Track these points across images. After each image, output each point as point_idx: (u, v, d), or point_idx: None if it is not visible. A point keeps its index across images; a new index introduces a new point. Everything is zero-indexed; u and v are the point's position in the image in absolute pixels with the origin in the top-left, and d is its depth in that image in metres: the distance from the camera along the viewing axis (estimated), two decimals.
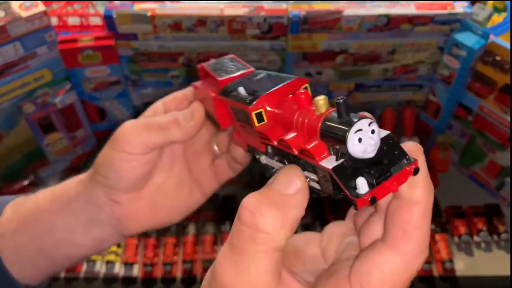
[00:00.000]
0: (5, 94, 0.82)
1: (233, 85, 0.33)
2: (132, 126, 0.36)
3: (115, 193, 0.38)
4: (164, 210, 0.41)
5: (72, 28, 0.89)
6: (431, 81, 0.95)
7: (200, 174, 0.42)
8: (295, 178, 0.25)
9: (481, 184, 1.00)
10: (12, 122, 0.87)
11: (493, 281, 0.87)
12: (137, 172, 0.37)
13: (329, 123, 0.25)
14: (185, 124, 0.36)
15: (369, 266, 0.24)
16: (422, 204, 0.25)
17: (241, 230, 0.24)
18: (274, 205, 0.24)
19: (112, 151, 0.36)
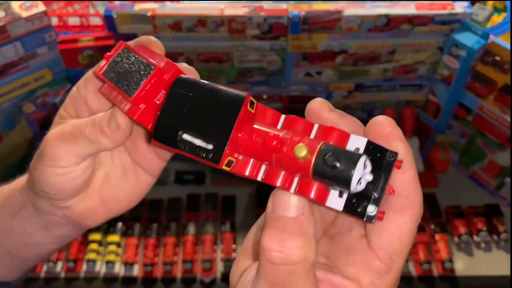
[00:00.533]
0: (5, 94, 0.83)
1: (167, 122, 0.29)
2: (58, 139, 0.34)
3: (59, 202, 0.37)
4: (117, 201, 0.40)
5: (72, 28, 0.89)
6: (431, 81, 0.95)
7: (142, 158, 0.40)
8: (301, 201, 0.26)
9: (481, 184, 1.00)
10: (12, 122, 0.87)
11: (493, 281, 0.87)
12: (77, 182, 0.36)
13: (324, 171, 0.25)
14: (112, 134, 0.33)
15: (388, 236, 0.28)
16: (411, 170, 0.28)
17: (278, 270, 0.25)
18: (295, 234, 0.25)
19: (44, 168, 0.34)
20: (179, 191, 1.01)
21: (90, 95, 0.36)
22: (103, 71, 0.32)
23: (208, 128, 0.27)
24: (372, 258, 0.28)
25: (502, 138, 0.91)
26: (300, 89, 0.95)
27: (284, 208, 0.26)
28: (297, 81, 0.94)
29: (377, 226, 0.28)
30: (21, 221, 0.39)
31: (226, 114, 0.27)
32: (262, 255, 0.25)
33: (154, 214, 0.96)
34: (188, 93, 0.29)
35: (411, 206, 0.27)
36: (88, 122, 0.34)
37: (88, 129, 0.34)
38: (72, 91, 0.37)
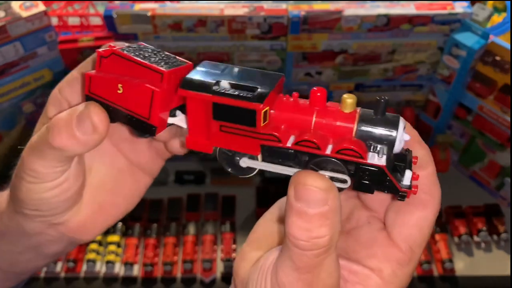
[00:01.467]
0: (5, 94, 0.83)
1: (200, 77, 0.28)
2: (29, 153, 0.30)
3: (53, 218, 0.33)
4: (115, 206, 0.37)
5: (72, 28, 0.89)
6: (431, 81, 0.95)
7: (141, 159, 0.37)
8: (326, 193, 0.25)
9: (481, 184, 1.00)
10: (12, 122, 0.87)
11: (493, 281, 0.87)
12: (71, 191, 0.32)
13: (370, 124, 0.26)
14: (85, 137, 0.28)
15: (409, 228, 0.29)
16: (431, 166, 0.29)
17: (304, 254, 0.26)
18: (321, 225, 0.25)
19: (29, 186, 0.31)
20: (179, 191, 1.01)
21: (75, 97, 0.33)
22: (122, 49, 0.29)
23: (247, 84, 0.27)
24: (394, 249, 0.29)
25: (502, 138, 0.91)
26: (300, 89, 0.95)
27: (308, 201, 0.25)
28: (297, 81, 0.94)
29: (399, 219, 0.29)
30: (8, 243, 0.36)
31: (265, 79, 0.27)
32: (290, 242, 0.26)
33: (154, 214, 0.96)
34: (223, 65, 0.29)
35: (431, 200, 0.29)
36: (49, 127, 0.29)
37: (50, 134, 0.29)
38: (53, 94, 0.33)
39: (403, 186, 0.26)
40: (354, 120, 0.26)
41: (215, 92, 0.26)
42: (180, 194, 1.00)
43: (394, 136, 0.26)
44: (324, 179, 0.25)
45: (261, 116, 0.26)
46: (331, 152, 0.26)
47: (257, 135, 0.27)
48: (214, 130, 0.28)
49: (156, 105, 0.28)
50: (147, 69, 0.28)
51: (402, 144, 0.26)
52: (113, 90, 0.29)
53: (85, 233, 0.36)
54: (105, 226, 0.37)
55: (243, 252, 0.32)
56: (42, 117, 0.34)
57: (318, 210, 0.25)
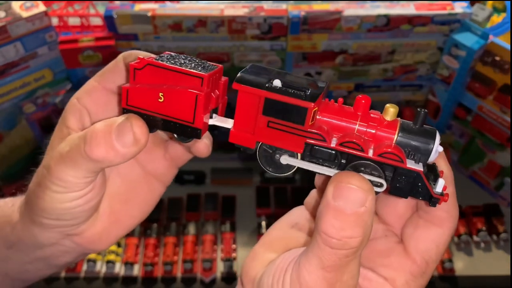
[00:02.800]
0: (5, 94, 0.83)
1: (252, 75, 0.29)
2: (60, 163, 0.30)
3: (72, 228, 0.33)
4: (127, 217, 0.37)
5: (72, 29, 0.89)
6: (430, 81, 0.95)
7: (156, 167, 0.37)
8: (366, 194, 0.26)
9: (481, 184, 1.00)
10: (13, 122, 0.87)
11: (493, 281, 0.87)
12: (94, 202, 0.32)
13: (410, 134, 0.28)
14: (123, 150, 0.28)
15: (427, 243, 0.30)
16: (452, 186, 0.30)
17: (334, 253, 0.26)
18: (355, 225, 0.26)
19: (54, 195, 0.30)
20: (179, 191, 1.01)
21: (95, 106, 0.32)
22: (154, 58, 0.30)
23: (299, 85, 0.28)
24: (409, 261, 0.30)
25: (501, 138, 0.91)
26: None
27: (347, 199, 0.26)
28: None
29: (416, 233, 0.31)
30: (18, 253, 0.36)
31: (312, 84, 0.29)
32: (320, 239, 0.26)
33: (154, 214, 0.95)
34: (269, 68, 0.30)
35: (450, 219, 0.30)
36: (85, 137, 0.29)
37: (87, 146, 0.28)
38: (71, 103, 0.33)
39: (436, 193, 0.28)
40: (396, 128, 0.28)
41: (269, 88, 0.28)
42: (180, 194, 1.00)
43: (432, 146, 0.28)
44: (365, 180, 0.26)
45: (311, 114, 0.28)
46: (373, 155, 0.28)
47: (303, 133, 0.28)
48: (261, 126, 0.29)
49: (200, 109, 0.29)
50: (186, 75, 0.29)
51: (436, 155, 0.28)
52: (153, 100, 0.29)
53: (99, 243, 0.36)
54: (118, 237, 0.37)
55: (255, 252, 0.32)
56: (60, 125, 0.33)
57: (356, 210, 0.26)
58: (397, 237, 0.32)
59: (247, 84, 0.28)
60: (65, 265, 0.39)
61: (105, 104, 0.33)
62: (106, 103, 0.33)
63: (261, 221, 0.95)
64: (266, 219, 0.95)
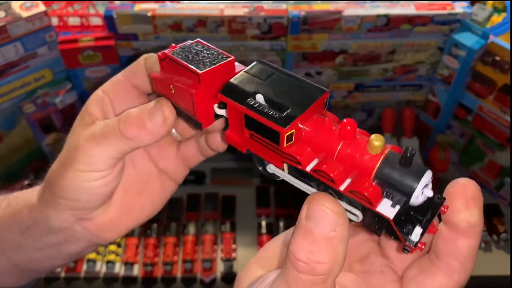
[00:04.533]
0: (5, 94, 0.83)
1: (241, 84, 0.29)
2: (90, 141, 0.32)
3: (86, 212, 0.35)
4: (139, 209, 0.39)
5: (72, 28, 0.89)
6: (430, 81, 0.95)
7: (168, 165, 0.39)
8: (337, 217, 0.25)
9: (481, 184, 1.00)
10: (13, 122, 0.87)
11: (493, 281, 0.87)
12: (111, 186, 0.34)
13: (391, 171, 0.25)
14: (155, 129, 0.31)
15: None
16: (477, 239, 0.27)
17: (300, 277, 0.25)
18: (324, 250, 0.25)
19: (77, 173, 0.32)
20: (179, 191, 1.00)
21: (118, 98, 0.35)
22: (171, 52, 0.31)
23: (284, 100, 0.27)
24: None
25: (502, 138, 0.91)
26: None
27: (318, 220, 0.25)
28: None
29: (420, 278, 0.28)
30: (31, 238, 0.37)
31: (305, 96, 0.28)
32: (289, 260, 0.25)
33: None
34: (271, 69, 0.30)
35: (462, 272, 0.28)
36: (120, 119, 0.32)
37: (122, 125, 0.31)
38: (96, 94, 0.35)
39: (410, 241, 0.26)
40: (377, 161, 0.26)
41: (247, 105, 0.28)
42: (180, 194, 1.00)
43: (413, 189, 0.25)
44: (338, 204, 0.25)
45: (284, 138, 0.27)
46: (345, 189, 0.26)
47: (280, 153, 0.28)
48: (246, 136, 0.29)
49: (196, 104, 0.30)
50: (189, 71, 0.30)
51: (420, 200, 0.25)
52: (168, 90, 0.32)
53: (109, 232, 0.37)
54: (129, 228, 0.38)
55: (249, 267, 0.32)
56: (82, 113, 0.35)
57: (325, 234, 0.25)
58: (396, 275, 0.30)
59: (229, 97, 0.28)
60: (75, 255, 0.39)
61: (128, 95, 0.35)
62: (128, 95, 0.35)
63: (261, 221, 0.95)
64: (266, 219, 0.95)
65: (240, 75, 0.30)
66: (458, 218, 0.27)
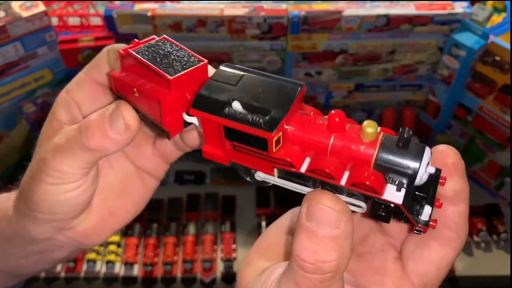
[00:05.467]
0: (5, 94, 0.83)
1: (213, 94, 0.26)
2: (56, 154, 0.30)
3: (66, 222, 0.33)
4: (121, 211, 0.37)
5: (72, 28, 0.89)
6: (430, 81, 0.95)
7: (146, 163, 0.37)
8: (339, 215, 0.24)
9: (481, 184, 1.00)
10: (12, 122, 0.87)
11: (493, 281, 0.87)
12: (88, 194, 0.32)
13: (390, 155, 0.24)
14: (118, 136, 0.29)
15: (427, 265, 0.28)
16: (466, 205, 0.27)
17: (308, 277, 0.24)
18: (330, 249, 0.24)
19: (48, 187, 0.30)
20: (179, 191, 1.01)
21: (84, 99, 0.33)
22: (135, 50, 0.28)
23: (263, 103, 0.25)
24: (405, 283, 0.28)
25: (502, 138, 0.91)
26: None
27: (319, 221, 0.24)
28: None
29: (417, 252, 0.28)
30: (14, 247, 0.36)
31: (283, 94, 0.26)
32: (294, 262, 0.25)
33: (154, 214, 0.96)
34: (239, 71, 0.27)
35: (457, 240, 0.27)
36: (81, 129, 0.30)
37: (84, 137, 0.29)
38: (61, 96, 0.33)
39: (421, 222, 0.25)
40: (374, 148, 0.24)
41: (226, 116, 0.25)
42: (180, 194, 1.00)
43: (416, 169, 0.24)
44: (339, 200, 0.24)
45: (273, 144, 0.25)
46: (346, 183, 0.25)
47: (270, 159, 0.26)
48: (228, 147, 0.27)
49: (165, 112, 0.28)
50: (157, 74, 0.27)
51: (424, 178, 0.24)
52: (131, 93, 0.29)
53: (93, 238, 0.35)
54: (113, 231, 0.37)
55: (249, 258, 0.31)
56: (49, 118, 0.33)
57: (329, 233, 0.24)
58: (396, 251, 0.30)
59: (203, 110, 0.26)
60: (61, 260, 0.38)
61: (94, 95, 0.33)
62: (95, 94, 0.33)
63: (261, 221, 0.95)
64: (266, 219, 0.95)
65: (208, 84, 0.27)
66: (444, 188, 0.27)
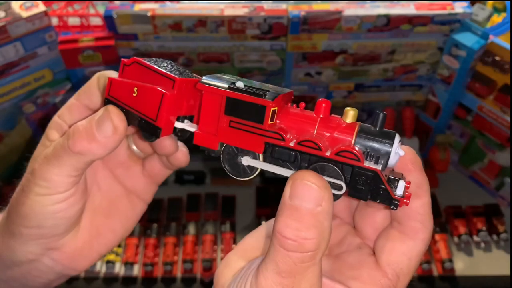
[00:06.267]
0: (5, 94, 0.83)
1: (217, 78, 0.30)
2: (44, 164, 0.31)
3: (53, 240, 0.33)
4: (109, 232, 0.38)
5: (72, 29, 0.89)
6: (430, 81, 0.95)
7: (135, 184, 0.38)
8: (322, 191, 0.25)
9: (481, 184, 1.00)
10: (13, 122, 0.87)
11: (493, 281, 0.87)
12: (76, 208, 0.33)
13: (368, 134, 0.28)
14: (105, 140, 0.30)
15: (398, 255, 0.29)
16: (427, 196, 0.29)
17: (289, 256, 0.25)
18: (311, 226, 0.25)
19: (37, 198, 0.31)
20: (179, 191, 1.01)
21: (73, 121, 0.34)
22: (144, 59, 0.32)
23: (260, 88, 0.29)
24: (379, 274, 0.29)
25: (502, 138, 0.91)
26: (300, 89, 0.95)
27: (303, 197, 0.25)
28: (297, 81, 0.94)
29: (388, 245, 0.29)
30: None
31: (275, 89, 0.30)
32: (276, 240, 0.26)
33: (154, 214, 0.96)
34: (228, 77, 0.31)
35: (424, 230, 0.29)
36: (68, 135, 0.30)
37: (70, 141, 0.30)
38: (54, 120, 0.35)
39: (396, 194, 0.27)
40: (354, 130, 0.28)
41: (231, 88, 0.29)
42: (180, 194, 1.00)
43: (390, 147, 0.27)
44: (321, 178, 0.26)
45: (269, 113, 0.28)
46: (331, 154, 0.27)
47: (262, 132, 0.29)
48: (223, 126, 0.30)
49: (164, 107, 0.30)
50: (162, 76, 0.31)
51: (397, 157, 0.28)
52: (129, 93, 0.31)
53: (80, 261, 0.36)
54: (100, 254, 0.37)
55: (228, 259, 0.32)
56: (43, 140, 0.35)
57: (311, 209, 0.25)
58: (371, 249, 0.31)
59: (210, 85, 0.30)
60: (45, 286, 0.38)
61: (82, 118, 0.34)
62: (83, 117, 0.34)
63: (261, 221, 0.95)
64: (266, 219, 0.95)
65: (209, 76, 0.31)
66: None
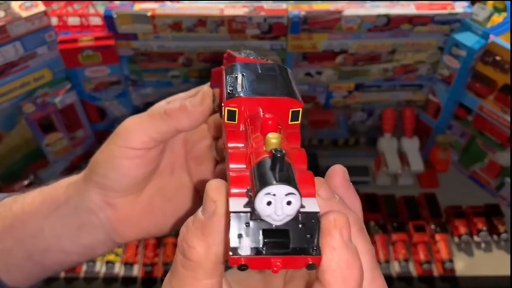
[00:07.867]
0: (5, 94, 0.82)
1: (240, 68, 0.30)
2: (135, 119, 0.35)
3: (112, 195, 0.36)
4: (162, 215, 0.39)
5: (72, 28, 0.89)
6: (431, 81, 0.95)
7: (201, 182, 0.40)
8: (211, 202, 0.23)
9: (481, 184, 1.00)
10: (12, 122, 0.87)
11: (493, 281, 0.87)
12: (140, 171, 0.35)
13: (259, 169, 0.23)
14: (193, 109, 0.33)
15: None
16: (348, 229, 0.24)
17: (176, 254, 0.24)
18: (198, 234, 0.23)
19: (113, 147, 0.34)
20: None
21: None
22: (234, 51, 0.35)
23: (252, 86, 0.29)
24: None
25: (502, 138, 0.91)
26: (300, 89, 0.95)
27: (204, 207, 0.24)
28: (297, 81, 0.94)
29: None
30: (54, 221, 0.38)
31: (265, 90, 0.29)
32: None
33: None
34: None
35: None
36: (167, 100, 0.35)
37: (167, 105, 0.34)
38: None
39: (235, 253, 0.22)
40: (257, 159, 0.24)
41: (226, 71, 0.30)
42: None
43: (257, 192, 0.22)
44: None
45: (225, 111, 0.27)
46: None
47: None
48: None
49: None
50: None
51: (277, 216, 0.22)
52: (221, 79, 0.33)
53: (128, 228, 0.37)
54: (146, 232, 0.39)
55: None
56: None
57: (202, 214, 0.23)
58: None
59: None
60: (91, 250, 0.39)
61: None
62: None
63: None
64: None
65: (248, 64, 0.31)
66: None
